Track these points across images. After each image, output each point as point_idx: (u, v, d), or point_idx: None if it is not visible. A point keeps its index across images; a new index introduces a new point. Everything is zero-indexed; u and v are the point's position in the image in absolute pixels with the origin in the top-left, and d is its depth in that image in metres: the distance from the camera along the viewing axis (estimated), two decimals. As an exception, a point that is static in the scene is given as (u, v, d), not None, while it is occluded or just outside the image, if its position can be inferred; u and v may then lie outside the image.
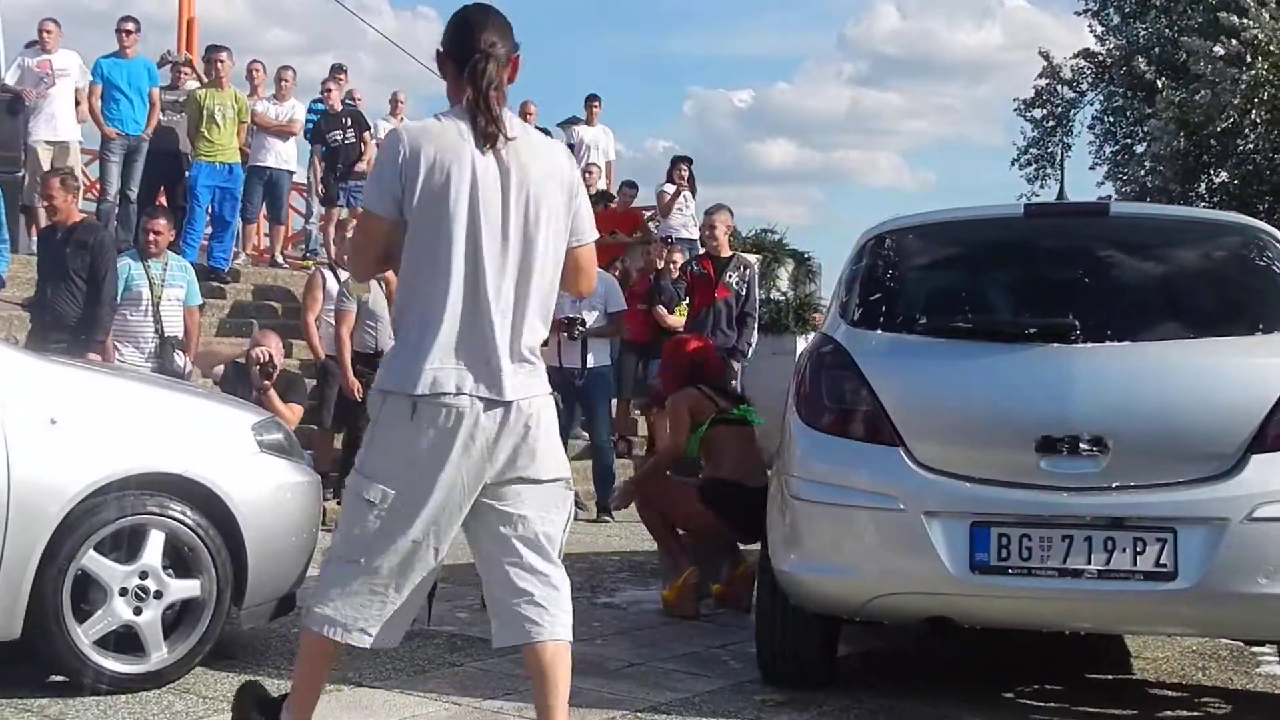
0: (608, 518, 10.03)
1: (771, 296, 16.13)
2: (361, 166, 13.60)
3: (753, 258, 13.18)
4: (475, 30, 3.63)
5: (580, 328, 9.85)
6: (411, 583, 3.68)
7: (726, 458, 6.77)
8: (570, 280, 3.86)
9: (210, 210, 12.62)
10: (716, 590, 6.72)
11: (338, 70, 14.48)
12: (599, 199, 14.68)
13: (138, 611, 4.73)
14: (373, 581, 3.64)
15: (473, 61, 3.57)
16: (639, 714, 4.72)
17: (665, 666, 5.45)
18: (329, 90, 14.04)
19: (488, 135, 3.54)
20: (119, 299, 8.94)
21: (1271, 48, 17.12)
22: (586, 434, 10.61)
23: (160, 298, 9.07)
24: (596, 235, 3.87)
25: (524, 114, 15.46)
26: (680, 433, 6.87)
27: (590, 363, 9.99)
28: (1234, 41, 17.45)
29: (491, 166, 3.55)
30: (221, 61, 12.64)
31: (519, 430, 3.60)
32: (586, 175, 14.92)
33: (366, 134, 13.99)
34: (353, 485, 3.67)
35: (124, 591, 4.71)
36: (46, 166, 11.37)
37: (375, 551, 3.61)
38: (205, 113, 12.35)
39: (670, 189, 14.49)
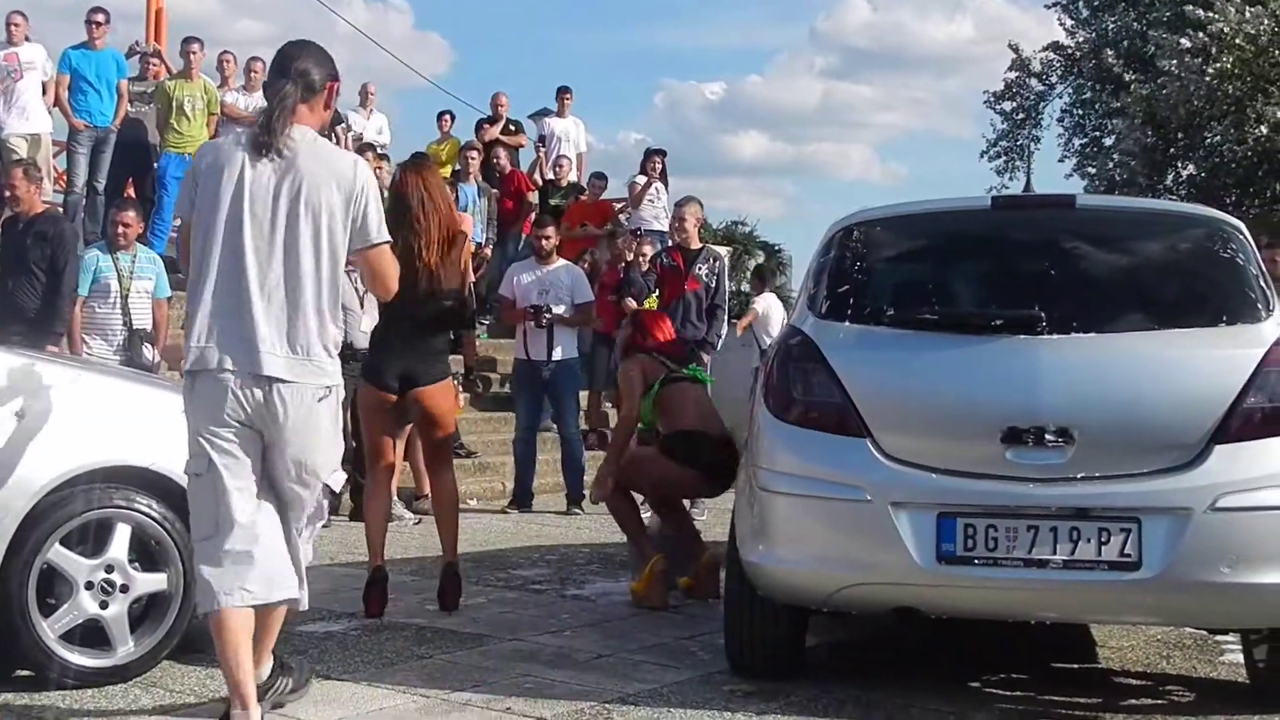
0: (577, 510, 10.03)
1: (742, 289, 16.17)
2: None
3: (723, 250, 13.21)
4: (289, 59, 4.26)
5: (547, 314, 9.87)
6: (266, 533, 4.14)
7: (684, 412, 6.84)
8: (366, 281, 4.59)
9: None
10: (683, 583, 6.74)
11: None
12: (570, 191, 14.69)
13: (104, 605, 4.70)
14: (230, 545, 4.07)
15: (277, 84, 4.21)
16: (607, 705, 4.73)
17: (634, 658, 5.46)
18: None
19: (259, 144, 4.12)
20: (87, 291, 8.90)
21: (1238, 40, 17.22)
22: (555, 425, 10.61)
23: (129, 290, 9.03)
24: (386, 239, 4.36)
25: (495, 105, 15.53)
26: (633, 397, 6.91)
27: (558, 355, 9.99)
28: (1200, 35, 17.56)
29: (265, 172, 4.10)
30: (194, 52, 12.59)
31: (277, 408, 4.08)
32: (557, 168, 14.93)
33: (339, 127, 13.96)
34: (184, 467, 4.19)
35: (90, 585, 4.68)
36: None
37: (218, 519, 4.09)
38: (174, 104, 12.29)
39: (642, 180, 14.49)
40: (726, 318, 10.48)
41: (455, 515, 6.47)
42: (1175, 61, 17.88)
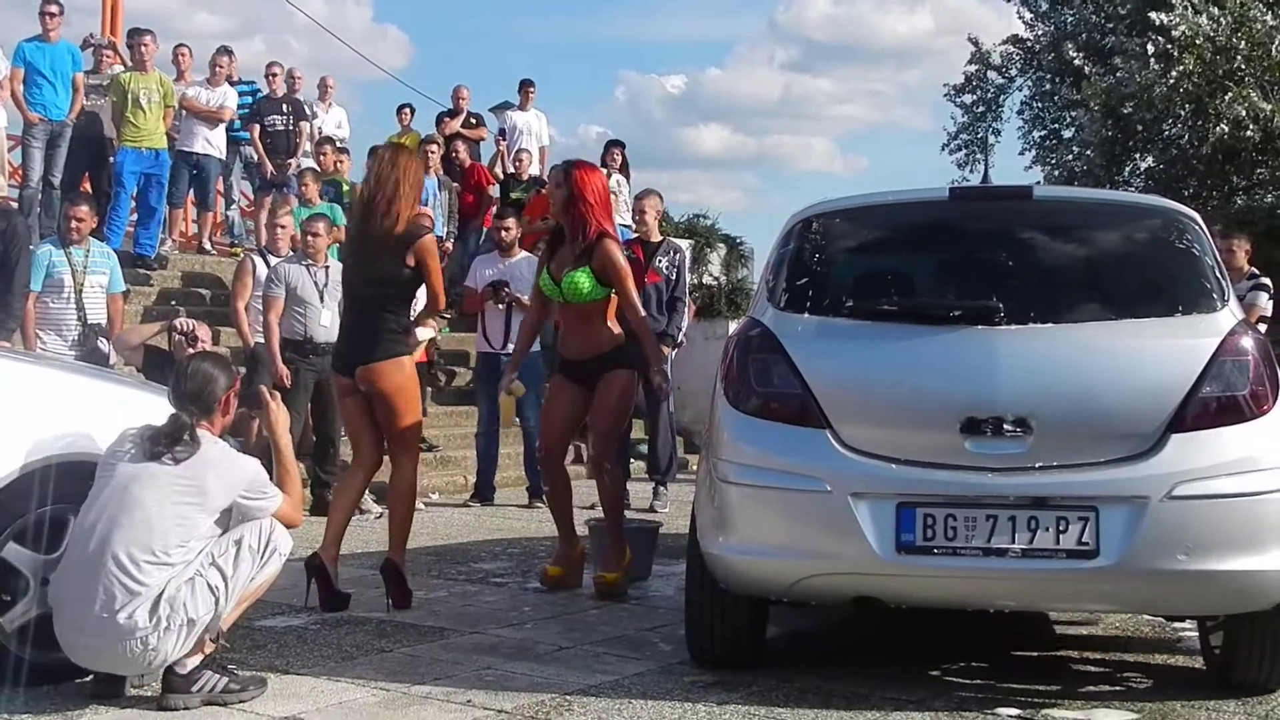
0: (539, 503, 10.00)
1: (704, 281, 16.17)
2: (294, 160, 13.51)
3: (684, 243, 13.20)
4: None
5: (506, 289, 9.85)
6: None
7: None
8: None
9: (135, 196, 12.46)
10: (552, 571, 6.76)
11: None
12: (531, 185, 14.64)
13: (59, 601, 4.66)
14: None
15: None
16: (568, 697, 4.73)
17: (595, 650, 5.45)
18: (274, 74, 13.91)
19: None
20: (40, 286, 8.81)
21: (1197, 41, 17.33)
22: (517, 419, 10.59)
23: (83, 284, 8.96)
24: None
25: (456, 99, 15.48)
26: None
27: (514, 345, 9.92)
28: (1162, 39, 17.65)
29: None
30: (145, 45, 12.46)
31: None
32: (518, 161, 14.88)
33: (303, 123, 13.89)
34: None
35: (46, 581, 4.63)
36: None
37: None
38: (130, 97, 12.17)
39: (602, 173, 14.45)
40: (687, 310, 10.47)
41: (406, 510, 6.35)
42: (1137, 64, 17.99)
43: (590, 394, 6.62)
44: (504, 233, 10.32)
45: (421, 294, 6.43)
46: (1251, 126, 17.25)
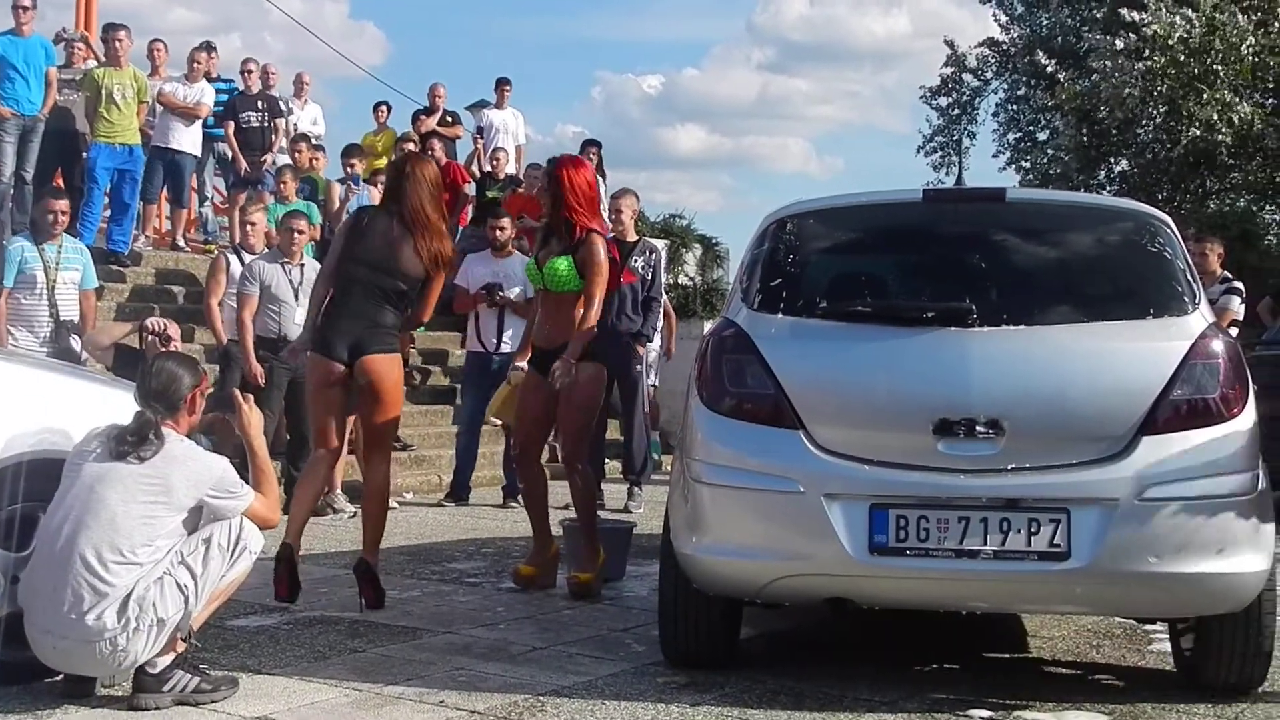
0: (514, 503, 10.00)
1: (679, 281, 16.17)
2: (269, 156, 13.47)
3: (660, 243, 13.19)
4: None
5: (500, 293, 9.86)
6: None
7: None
8: None
9: (109, 192, 12.40)
10: (524, 570, 6.76)
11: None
12: (508, 183, 14.62)
13: (30, 599, 4.62)
14: None
15: None
16: (541, 697, 4.72)
17: (569, 650, 5.45)
18: (249, 71, 13.85)
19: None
20: (12, 282, 8.76)
21: (1170, 41, 17.41)
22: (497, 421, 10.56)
23: (55, 281, 8.90)
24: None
25: (432, 97, 15.46)
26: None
27: (507, 342, 9.93)
28: (1133, 36, 17.73)
29: None
30: (120, 40, 12.37)
31: None
32: (494, 160, 14.85)
33: (279, 120, 13.83)
34: None
35: (15, 580, 4.61)
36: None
37: None
38: (104, 93, 12.09)
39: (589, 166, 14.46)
40: (662, 310, 10.47)
41: (381, 510, 6.30)
42: (1109, 62, 18.05)
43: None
44: (498, 232, 10.33)
45: None
46: (1224, 129, 17.34)
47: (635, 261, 9.75)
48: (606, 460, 10.52)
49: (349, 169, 13.00)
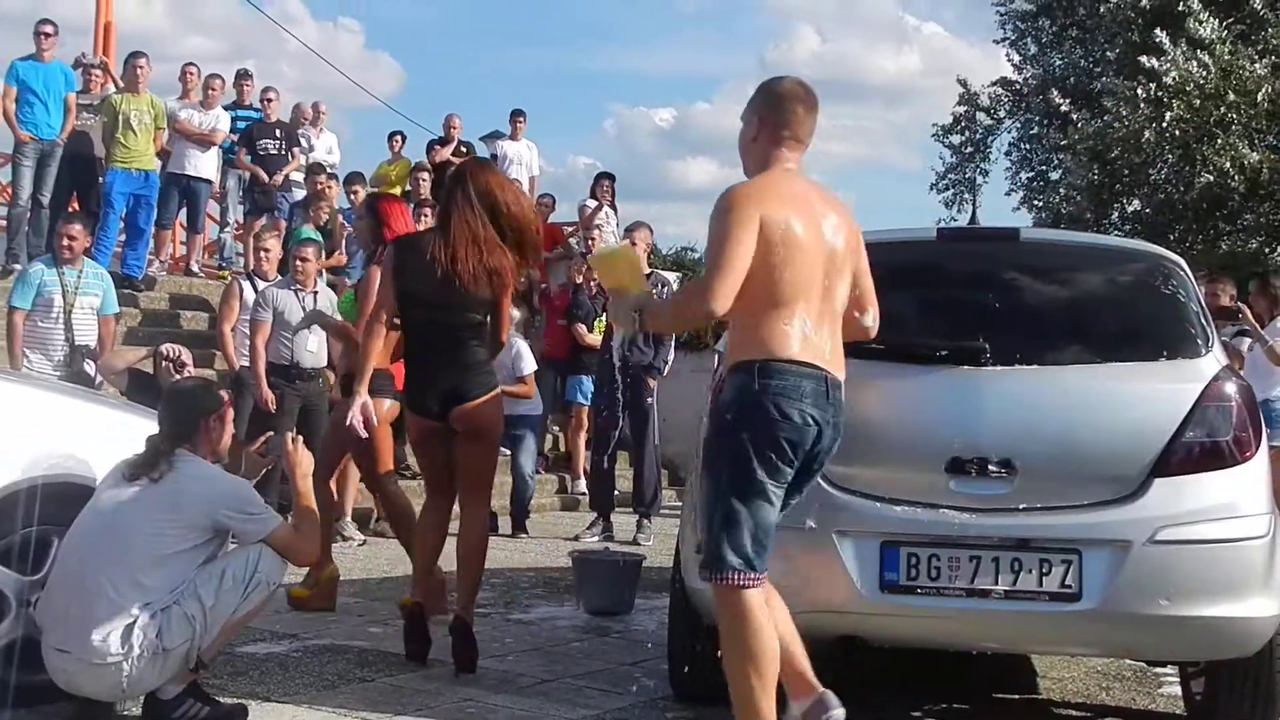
0: (523, 534, 10.01)
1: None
2: (279, 177, 13.52)
3: (672, 275, 13.23)
4: None
5: None
6: None
7: None
8: None
9: (124, 217, 12.46)
10: (296, 593, 6.64)
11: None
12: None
13: (42, 623, 4.63)
14: None
15: None
16: (549, 730, 4.72)
17: (577, 683, 5.44)
18: (269, 100, 13.93)
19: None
20: (30, 305, 8.80)
21: (1187, 88, 17.43)
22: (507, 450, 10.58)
23: (73, 305, 8.95)
24: None
25: (447, 127, 15.50)
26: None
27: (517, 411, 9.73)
28: (1153, 86, 17.74)
29: None
30: (140, 67, 12.48)
31: None
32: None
33: (295, 149, 13.90)
34: None
35: (28, 603, 4.61)
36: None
37: None
38: (121, 118, 12.18)
39: (592, 204, 14.54)
40: (674, 343, 10.49)
41: (479, 563, 5.72)
42: (1126, 107, 18.07)
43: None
44: None
45: None
46: (1237, 177, 17.34)
47: (648, 294, 9.76)
48: (617, 491, 10.51)
49: (352, 197, 13.03)
